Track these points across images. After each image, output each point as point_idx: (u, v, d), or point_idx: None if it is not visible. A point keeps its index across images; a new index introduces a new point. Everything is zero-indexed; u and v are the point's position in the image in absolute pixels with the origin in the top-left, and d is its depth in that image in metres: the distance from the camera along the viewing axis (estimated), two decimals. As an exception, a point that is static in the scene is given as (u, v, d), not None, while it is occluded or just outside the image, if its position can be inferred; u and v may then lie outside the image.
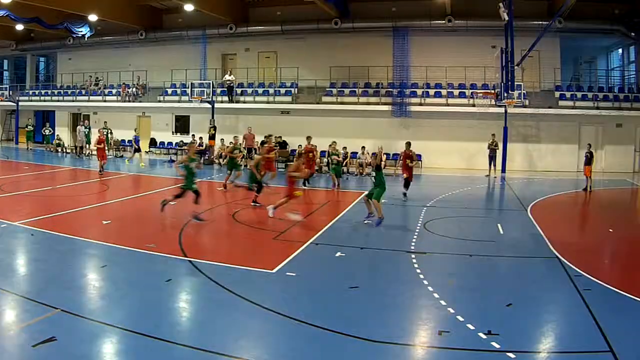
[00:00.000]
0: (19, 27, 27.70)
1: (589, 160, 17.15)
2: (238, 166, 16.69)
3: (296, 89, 25.65)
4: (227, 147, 18.13)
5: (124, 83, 28.28)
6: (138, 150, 22.61)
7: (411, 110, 23.02)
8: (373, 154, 13.90)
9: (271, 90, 25.70)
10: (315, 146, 19.02)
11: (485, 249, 9.49)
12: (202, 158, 23.68)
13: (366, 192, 11.92)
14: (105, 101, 28.92)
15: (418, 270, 7.98)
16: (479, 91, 22.11)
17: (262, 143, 23.53)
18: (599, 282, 7.43)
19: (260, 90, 26.00)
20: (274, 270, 7.79)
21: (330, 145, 19.16)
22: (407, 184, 14.81)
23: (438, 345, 5.55)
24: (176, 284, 7.29)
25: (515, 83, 20.03)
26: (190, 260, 8.17)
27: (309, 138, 18.43)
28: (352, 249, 9.28)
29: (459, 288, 7.47)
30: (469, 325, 5.83)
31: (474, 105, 22.21)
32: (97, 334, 5.46)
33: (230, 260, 8.30)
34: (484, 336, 5.56)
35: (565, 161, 22.07)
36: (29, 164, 21.83)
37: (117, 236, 9.64)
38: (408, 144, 15.35)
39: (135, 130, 23.96)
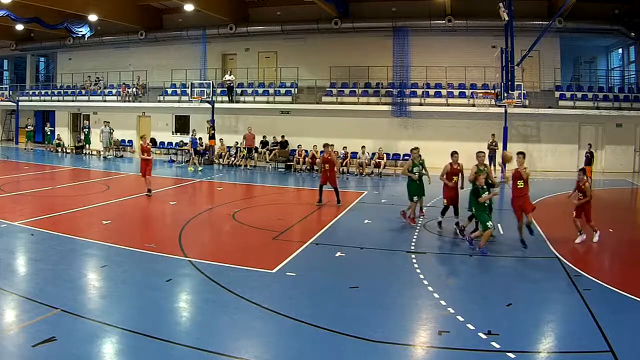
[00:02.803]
0: (19, 27, 27.70)
1: (589, 160, 17.17)
2: (422, 190, 11.60)
3: (296, 89, 25.63)
4: (402, 163, 11.87)
5: (124, 83, 28.27)
6: (196, 153, 22.39)
7: (411, 110, 22.99)
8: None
9: (271, 90, 25.69)
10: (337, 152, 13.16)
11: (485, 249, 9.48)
12: (203, 157, 23.74)
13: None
14: (105, 101, 28.91)
15: (418, 270, 7.98)
16: (479, 91, 22.10)
17: (264, 144, 23.73)
18: (599, 282, 7.44)
19: (260, 90, 25.99)
20: (274, 270, 7.79)
21: (413, 151, 11.96)
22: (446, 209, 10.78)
23: (438, 345, 5.56)
24: (176, 284, 7.29)
25: (515, 83, 20.02)
26: (190, 260, 8.17)
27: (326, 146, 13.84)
28: (352, 249, 9.27)
29: (459, 288, 7.47)
30: (469, 325, 5.83)
31: (474, 105, 22.21)
32: (97, 334, 5.46)
33: (230, 260, 8.30)
34: (484, 336, 5.56)
35: (565, 161, 22.04)
36: (29, 164, 21.83)
37: (117, 236, 9.63)
38: (453, 154, 11.04)
39: (192, 132, 23.45)
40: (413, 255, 8.81)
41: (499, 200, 16.90)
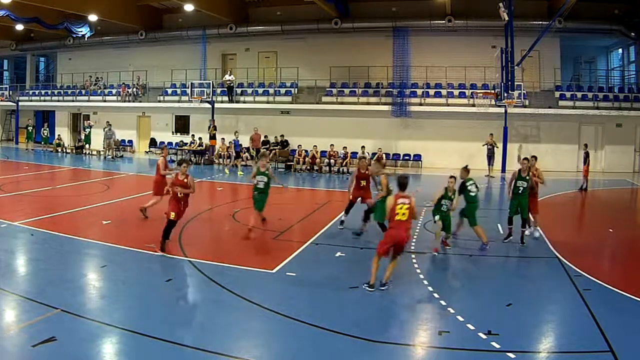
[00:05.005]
0: (19, 27, 27.69)
1: (585, 160, 17.31)
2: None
3: (296, 89, 25.63)
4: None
5: (123, 83, 28.26)
6: (238, 156, 22.19)
7: (411, 110, 22.99)
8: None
9: (271, 90, 25.69)
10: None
11: (486, 249, 9.48)
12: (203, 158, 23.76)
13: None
14: (105, 101, 28.91)
15: (418, 270, 7.98)
16: (479, 91, 22.11)
17: (263, 143, 23.68)
18: (599, 282, 7.44)
19: (260, 90, 25.99)
20: (274, 270, 7.79)
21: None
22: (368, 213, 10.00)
23: (438, 345, 5.56)
24: (176, 284, 7.29)
25: (515, 83, 20.04)
26: (190, 260, 8.17)
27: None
28: (352, 249, 9.28)
29: (459, 288, 7.47)
30: (469, 325, 5.84)
31: (474, 105, 22.22)
32: (97, 334, 5.47)
33: (230, 260, 8.30)
34: (484, 336, 5.57)
35: (565, 161, 22.06)
36: (29, 164, 21.81)
37: (117, 236, 9.63)
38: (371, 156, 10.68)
39: (235, 134, 23.09)
40: (413, 255, 8.81)
41: (499, 200, 16.94)
